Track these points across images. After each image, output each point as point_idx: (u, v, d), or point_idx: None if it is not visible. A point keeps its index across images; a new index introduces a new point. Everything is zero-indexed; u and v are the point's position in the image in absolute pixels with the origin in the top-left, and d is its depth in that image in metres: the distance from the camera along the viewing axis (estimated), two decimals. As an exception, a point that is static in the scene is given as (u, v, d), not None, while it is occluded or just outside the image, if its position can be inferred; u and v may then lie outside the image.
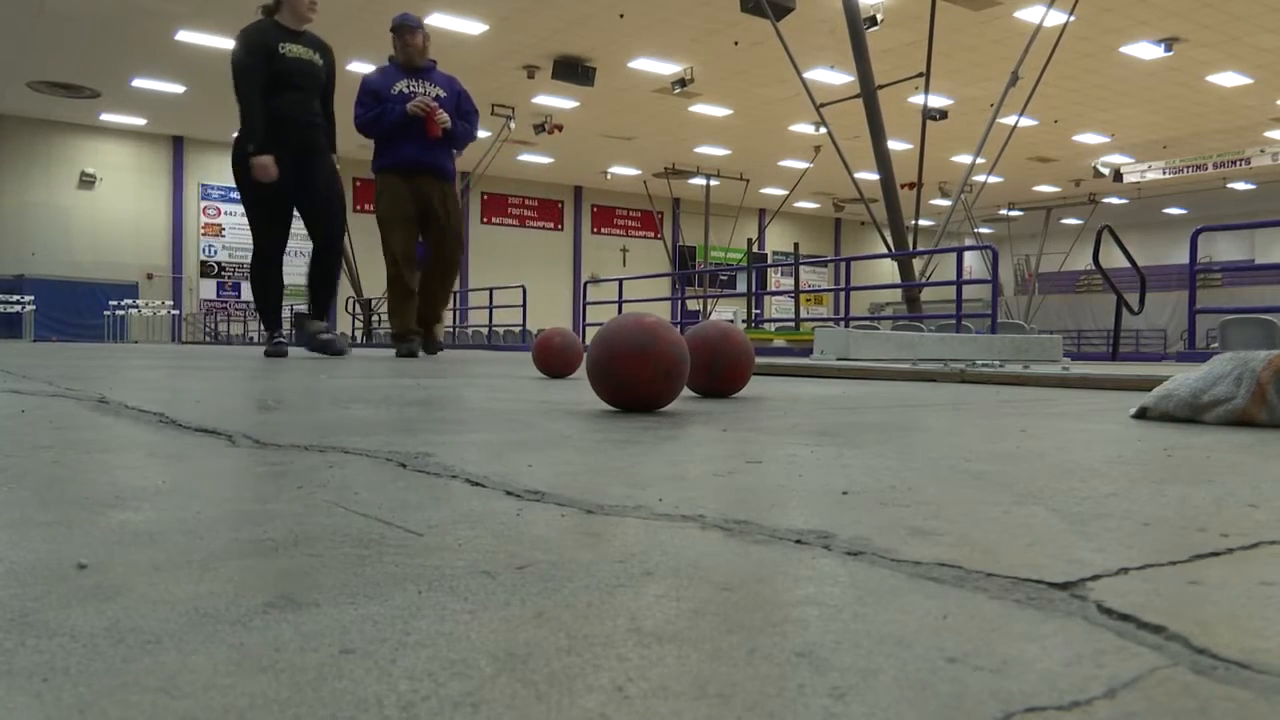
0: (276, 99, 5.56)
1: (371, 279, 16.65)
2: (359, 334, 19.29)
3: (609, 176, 29.26)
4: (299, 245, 5.68)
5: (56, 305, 22.52)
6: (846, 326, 11.36)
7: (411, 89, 6.13)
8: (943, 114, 20.57)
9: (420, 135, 6.02)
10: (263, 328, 5.83)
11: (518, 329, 15.08)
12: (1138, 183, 27.04)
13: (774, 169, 27.53)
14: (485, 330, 16.12)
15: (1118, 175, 26.64)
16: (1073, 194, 29.16)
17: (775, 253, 32.39)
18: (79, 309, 23.09)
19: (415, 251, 6.32)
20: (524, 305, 14.25)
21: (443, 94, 6.22)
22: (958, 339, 5.94)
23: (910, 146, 16.35)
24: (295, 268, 6.48)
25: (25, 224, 23.40)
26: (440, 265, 6.35)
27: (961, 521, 0.72)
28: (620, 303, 13.42)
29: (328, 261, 5.89)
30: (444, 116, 6.07)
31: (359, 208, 22.02)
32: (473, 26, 16.18)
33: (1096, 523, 0.71)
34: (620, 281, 13.40)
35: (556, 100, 21.10)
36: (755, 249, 25.78)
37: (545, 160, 26.89)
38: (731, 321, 4.84)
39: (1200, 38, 17.19)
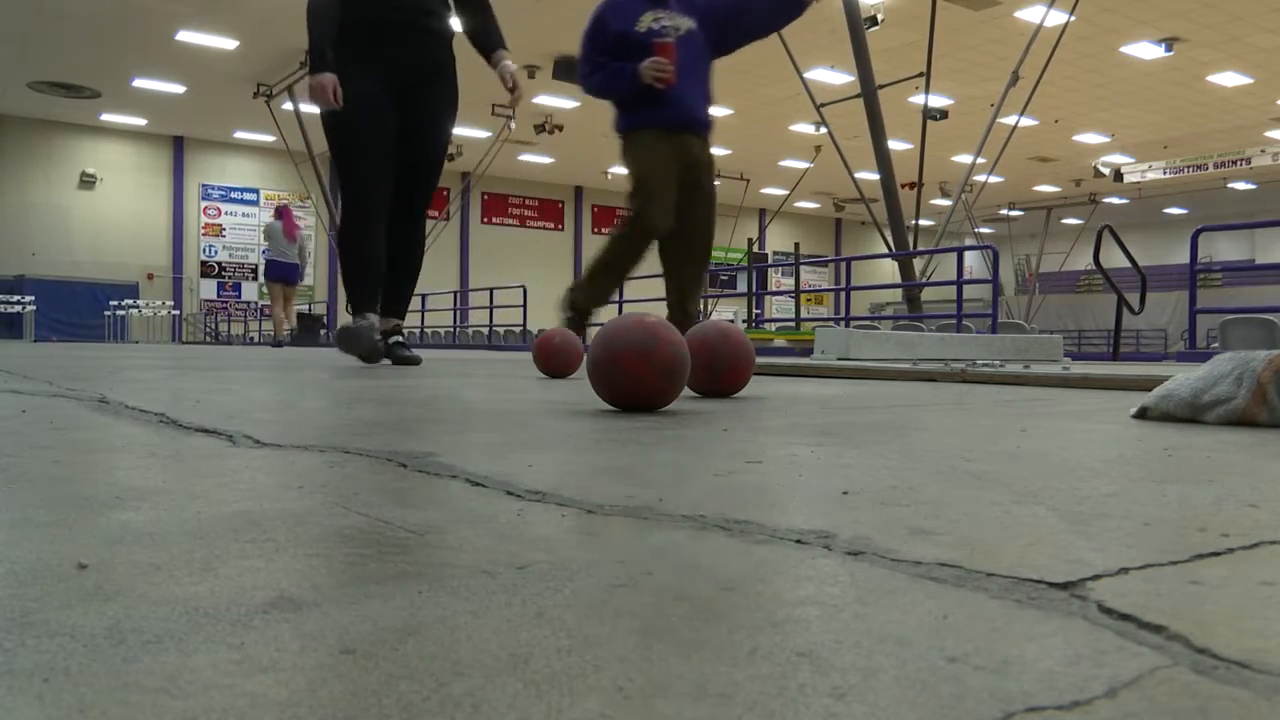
0: None
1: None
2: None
3: (610, 176, 29.26)
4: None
5: (57, 305, 22.51)
6: (847, 326, 11.37)
7: (660, 24, 4.78)
8: (943, 114, 20.56)
9: (688, 79, 4.71)
10: (349, 309, 4.39)
11: (518, 329, 15.09)
12: (1138, 182, 27.03)
13: (774, 169, 27.53)
14: (486, 330, 16.13)
15: (1118, 175, 26.64)
16: (1073, 194, 29.16)
17: (776, 253, 32.38)
18: (79, 309, 23.09)
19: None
20: (524, 305, 14.26)
21: (693, 26, 4.91)
22: (958, 339, 5.95)
23: (910, 146, 16.36)
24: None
25: (26, 224, 23.41)
26: (701, 241, 5.04)
27: (962, 521, 0.72)
28: (621, 303, 13.42)
29: (413, 236, 4.37)
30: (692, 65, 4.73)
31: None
32: (473, 26, 16.18)
33: (1097, 522, 0.71)
34: (620, 281, 13.37)
35: (557, 100, 21.11)
36: (756, 249, 25.79)
37: (546, 160, 26.90)
38: (732, 321, 4.82)
39: (1200, 37, 17.19)
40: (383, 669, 0.39)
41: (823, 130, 12.94)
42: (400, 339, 4.35)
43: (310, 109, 20.61)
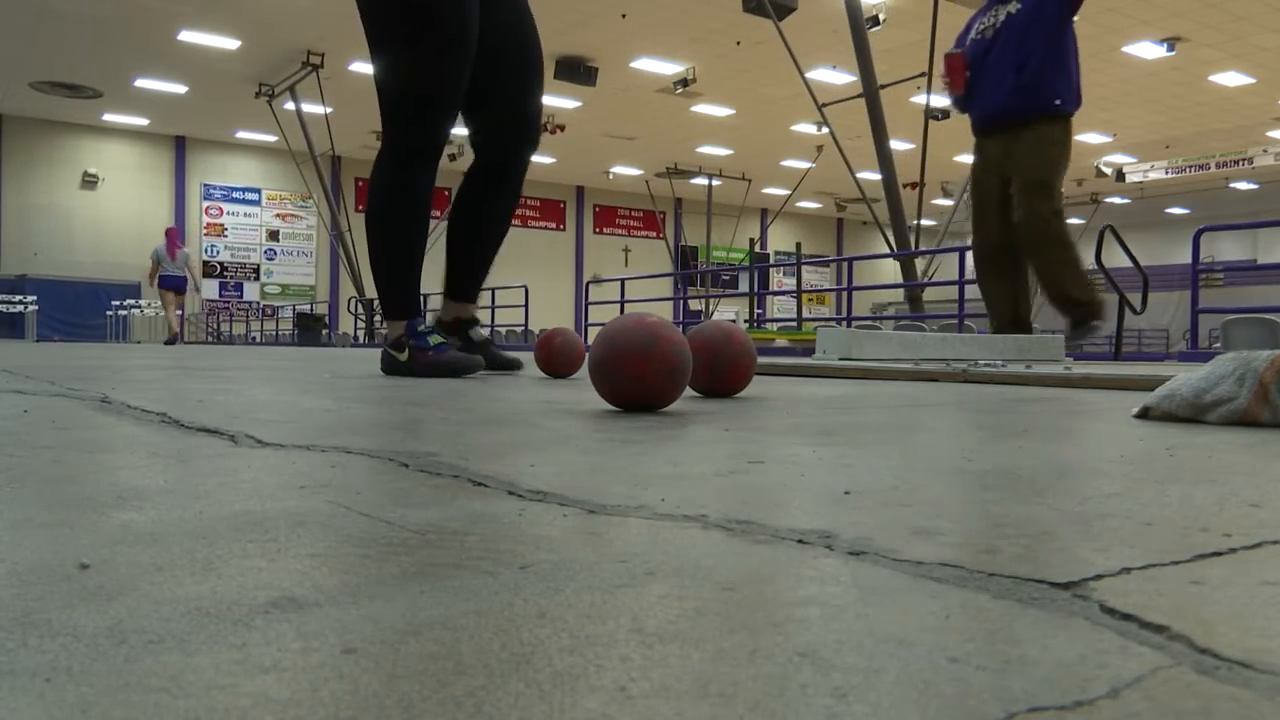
0: None
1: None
2: (361, 334, 19.29)
3: (611, 176, 29.28)
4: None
5: (59, 305, 22.55)
6: (849, 326, 11.36)
7: (980, 29, 4.60)
8: (945, 113, 20.52)
9: (996, 69, 4.43)
10: (377, 314, 3.34)
11: (520, 329, 15.10)
12: (1140, 182, 27.03)
13: (776, 169, 27.54)
14: (487, 330, 16.12)
15: (1120, 175, 26.63)
16: (1075, 194, 29.14)
17: (777, 252, 32.39)
18: (81, 309, 23.12)
19: (991, 237, 4.81)
20: (526, 305, 14.27)
21: (1014, 9, 4.51)
22: (960, 339, 5.94)
23: (912, 146, 16.36)
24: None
25: (28, 224, 23.45)
26: (1027, 248, 4.83)
27: (963, 521, 0.72)
28: (622, 303, 13.43)
29: (507, 196, 3.31)
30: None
31: (358, 208, 22.06)
32: (474, 26, 16.18)
33: (1099, 522, 0.71)
34: (622, 281, 13.42)
35: (559, 100, 21.12)
36: (757, 249, 25.82)
37: (547, 160, 26.91)
38: (733, 321, 4.83)
39: (1202, 37, 17.18)
40: (384, 669, 0.39)
41: (824, 130, 12.94)
42: (482, 334, 3.30)
43: (313, 108, 20.47)
